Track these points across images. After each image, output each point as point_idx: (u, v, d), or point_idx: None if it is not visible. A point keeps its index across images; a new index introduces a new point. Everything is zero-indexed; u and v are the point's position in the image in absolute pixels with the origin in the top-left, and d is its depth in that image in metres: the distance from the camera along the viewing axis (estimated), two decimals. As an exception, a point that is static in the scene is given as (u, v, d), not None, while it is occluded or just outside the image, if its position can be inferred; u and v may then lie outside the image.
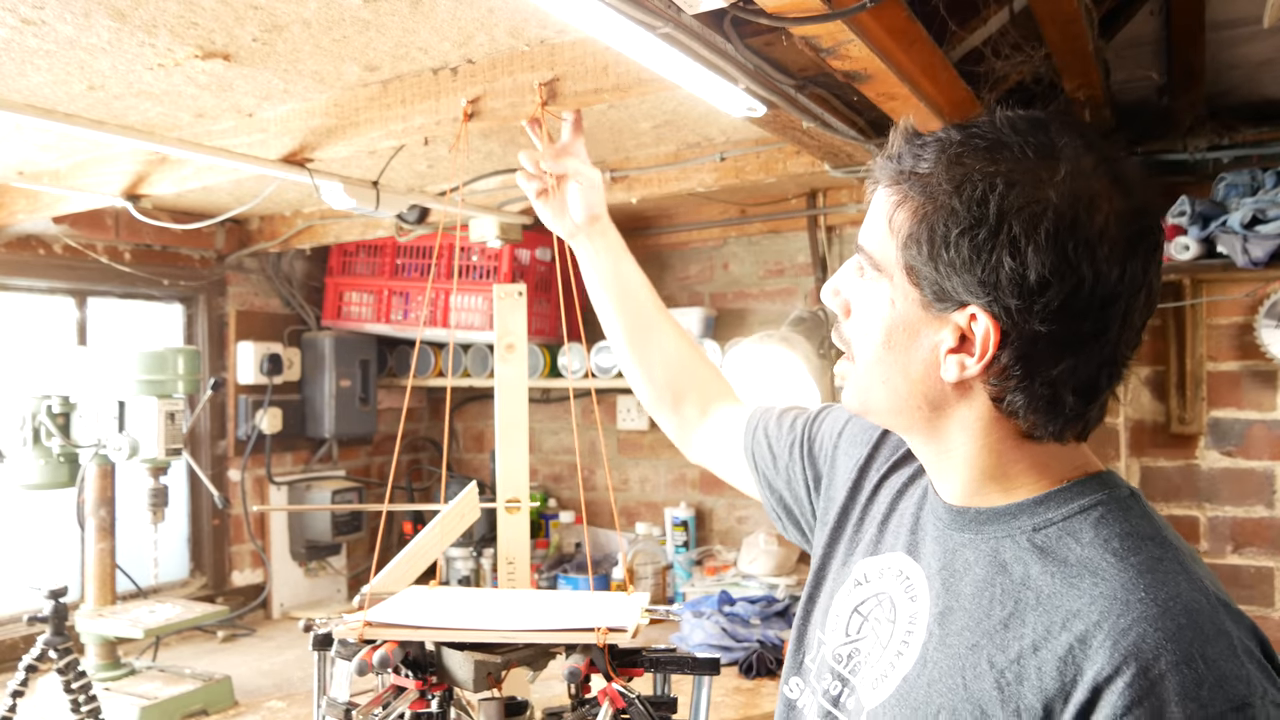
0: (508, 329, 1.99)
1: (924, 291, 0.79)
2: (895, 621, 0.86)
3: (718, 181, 2.41)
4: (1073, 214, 0.73)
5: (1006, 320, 0.75)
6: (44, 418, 2.36)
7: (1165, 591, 0.71)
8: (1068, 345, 0.75)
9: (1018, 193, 0.73)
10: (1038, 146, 0.75)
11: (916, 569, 0.87)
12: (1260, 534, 2.57)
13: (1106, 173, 0.75)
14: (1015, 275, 0.73)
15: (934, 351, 0.80)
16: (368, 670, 1.14)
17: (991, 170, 0.75)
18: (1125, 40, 2.08)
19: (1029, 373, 0.76)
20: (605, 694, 1.14)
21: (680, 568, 3.15)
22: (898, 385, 0.83)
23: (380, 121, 1.82)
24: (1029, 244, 0.72)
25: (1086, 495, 0.79)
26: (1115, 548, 0.75)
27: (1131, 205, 0.75)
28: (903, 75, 1.54)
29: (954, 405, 0.82)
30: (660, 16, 1.27)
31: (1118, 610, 0.71)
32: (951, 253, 0.75)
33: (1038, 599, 0.75)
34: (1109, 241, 0.73)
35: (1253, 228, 2.28)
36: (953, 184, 0.76)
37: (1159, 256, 0.78)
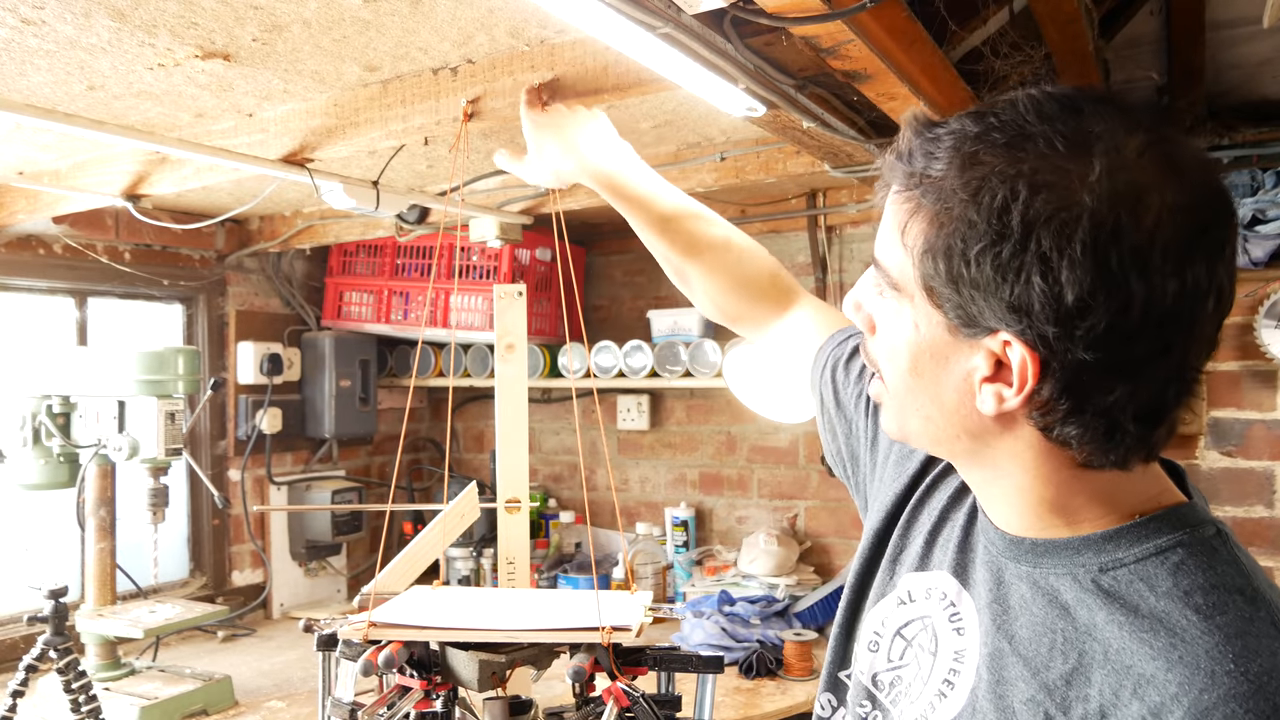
0: (508, 329, 1.99)
1: (948, 315, 0.68)
2: (937, 655, 0.78)
3: (718, 181, 2.41)
4: (1114, 219, 0.60)
5: (1044, 350, 0.64)
6: (44, 418, 2.36)
7: (1259, 664, 0.60)
8: (1122, 371, 0.64)
9: (1045, 198, 0.61)
10: (1068, 136, 0.63)
11: (965, 597, 0.79)
12: (1260, 534, 2.57)
13: (1156, 160, 0.62)
14: (1049, 298, 0.61)
15: (967, 380, 0.69)
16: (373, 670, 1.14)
17: (1013, 172, 0.63)
18: (1125, 40, 2.08)
19: (1078, 405, 0.65)
20: (610, 692, 1.14)
21: (680, 568, 3.15)
22: (932, 415, 0.73)
23: (380, 121, 1.82)
24: (1062, 260, 0.61)
25: (1164, 534, 0.68)
26: (1198, 603, 0.64)
27: (1190, 198, 0.62)
28: (903, 75, 1.54)
29: (998, 436, 0.71)
30: (660, 16, 1.27)
31: (1200, 683, 0.60)
32: (973, 272, 0.64)
33: (1105, 654, 0.66)
34: (1162, 247, 0.61)
35: (1253, 228, 2.28)
36: (969, 190, 0.64)
37: (1230, 253, 0.64)
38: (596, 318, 3.54)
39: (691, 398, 3.36)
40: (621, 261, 3.52)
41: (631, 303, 3.49)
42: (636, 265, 3.48)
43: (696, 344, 3.01)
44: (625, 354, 3.10)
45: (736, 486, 3.29)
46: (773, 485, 3.23)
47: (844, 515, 3.09)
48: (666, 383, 3.05)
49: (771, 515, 3.21)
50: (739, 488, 3.29)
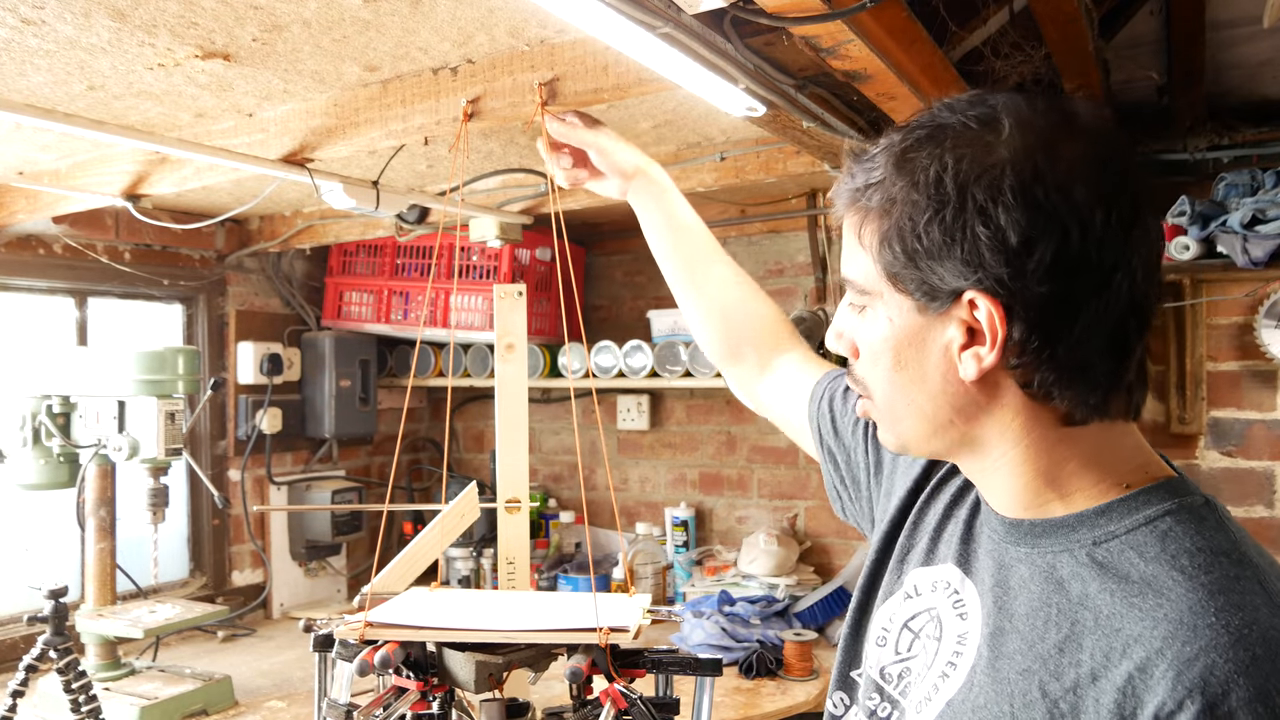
0: (508, 329, 1.99)
1: (915, 296, 0.74)
2: (941, 640, 0.80)
3: (718, 181, 2.41)
4: (1032, 163, 0.69)
5: (1004, 293, 0.70)
6: (44, 418, 2.36)
7: (1240, 617, 0.63)
8: (1078, 300, 0.69)
9: (969, 161, 0.70)
10: (978, 116, 0.72)
11: (968, 584, 0.82)
12: (1260, 534, 2.57)
13: (1056, 115, 0.72)
14: (995, 243, 0.69)
15: (946, 355, 0.74)
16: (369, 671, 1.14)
17: (938, 151, 0.71)
18: (1125, 40, 2.08)
19: (1047, 340, 0.70)
20: (607, 695, 1.14)
21: (680, 568, 3.15)
22: (923, 405, 0.77)
23: (380, 121, 1.82)
24: (997, 206, 0.68)
25: (1154, 504, 0.72)
26: (1184, 564, 0.68)
27: (1093, 138, 0.71)
28: (903, 75, 1.54)
29: (986, 409, 0.76)
30: (660, 16, 1.27)
31: (1184, 636, 0.64)
32: (926, 243, 0.71)
33: (1095, 620, 0.69)
34: (1082, 180, 0.69)
35: (1253, 228, 2.28)
36: (906, 179, 0.73)
37: (1144, 187, 0.72)
38: (596, 318, 3.54)
39: (691, 398, 3.36)
40: (621, 261, 3.52)
41: (631, 303, 3.49)
42: (636, 265, 3.48)
43: (696, 344, 3.01)
44: (625, 354, 3.10)
45: (736, 486, 3.29)
46: (773, 485, 3.23)
47: (844, 515, 3.09)
48: (666, 383, 3.05)
49: (771, 515, 3.20)
50: (739, 488, 3.29)
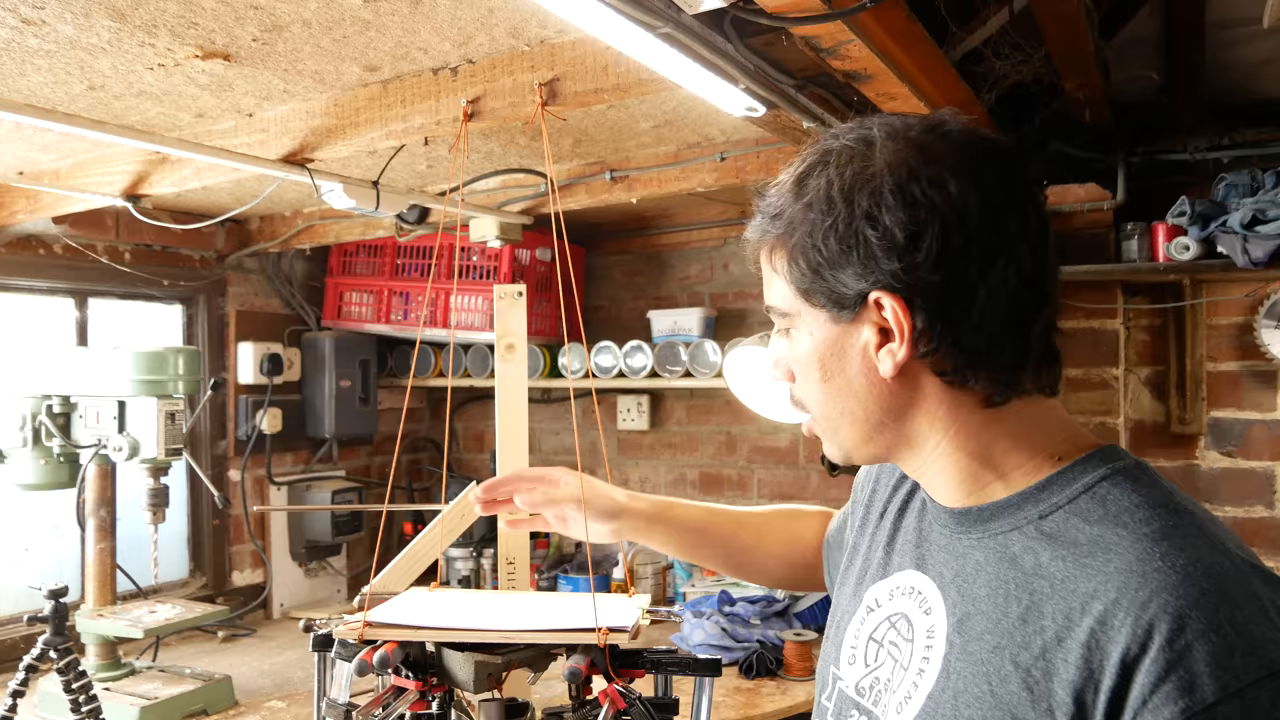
0: (508, 329, 1.99)
1: (827, 307, 0.79)
2: (913, 640, 0.82)
3: (718, 181, 2.41)
4: (906, 166, 0.75)
5: (902, 288, 0.75)
6: (44, 418, 2.36)
7: (1184, 557, 0.68)
8: (969, 285, 0.75)
9: (850, 173, 0.77)
10: (857, 137, 0.79)
11: (927, 582, 0.84)
12: (1260, 534, 2.57)
13: (926, 125, 0.79)
14: (885, 242, 0.74)
15: (865, 357, 0.79)
16: (368, 671, 1.14)
17: (825, 171, 0.78)
18: (1125, 40, 2.08)
19: (949, 326, 0.76)
20: (606, 695, 1.14)
21: (680, 568, 3.15)
22: (854, 410, 0.82)
23: (380, 121, 1.82)
24: (881, 209, 0.75)
25: (1090, 472, 0.76)
26: (1126, 520, 0.72)
27: (966, 142, 0.77)
28: (903, 75, 1.54)
29: (912, 402, 0.80)
30: (660, 16, 1.27)
31: (1135, 583, 0.67)
32: (826, 254, 0.77)
33: (1052, 587, 0.72)
34: (954, 176, 0.75)
35: (1253, 228, 2.28)
36: (801, 201, 0.79)
37: (1017, 171, 0.78)
38: (596, 318, 3.54)
39: (691, 398, 3.36)
40: (621, 262, 3.52)
41: (631, 303, 3.49)
42: (636, 265, 3.48)
43: (696, 344, 3.01)
44: (625, 354, 3.10)
45: (737, 486, 3.29)
46: (773, 485, 3.23)
47: (844, 516, 3.09)
48: (666, 383, 3.05)
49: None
50: (739, 488, 3.29)
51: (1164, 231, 2.45)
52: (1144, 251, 2.51)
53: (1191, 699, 0.63)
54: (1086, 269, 2.53)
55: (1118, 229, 2.57)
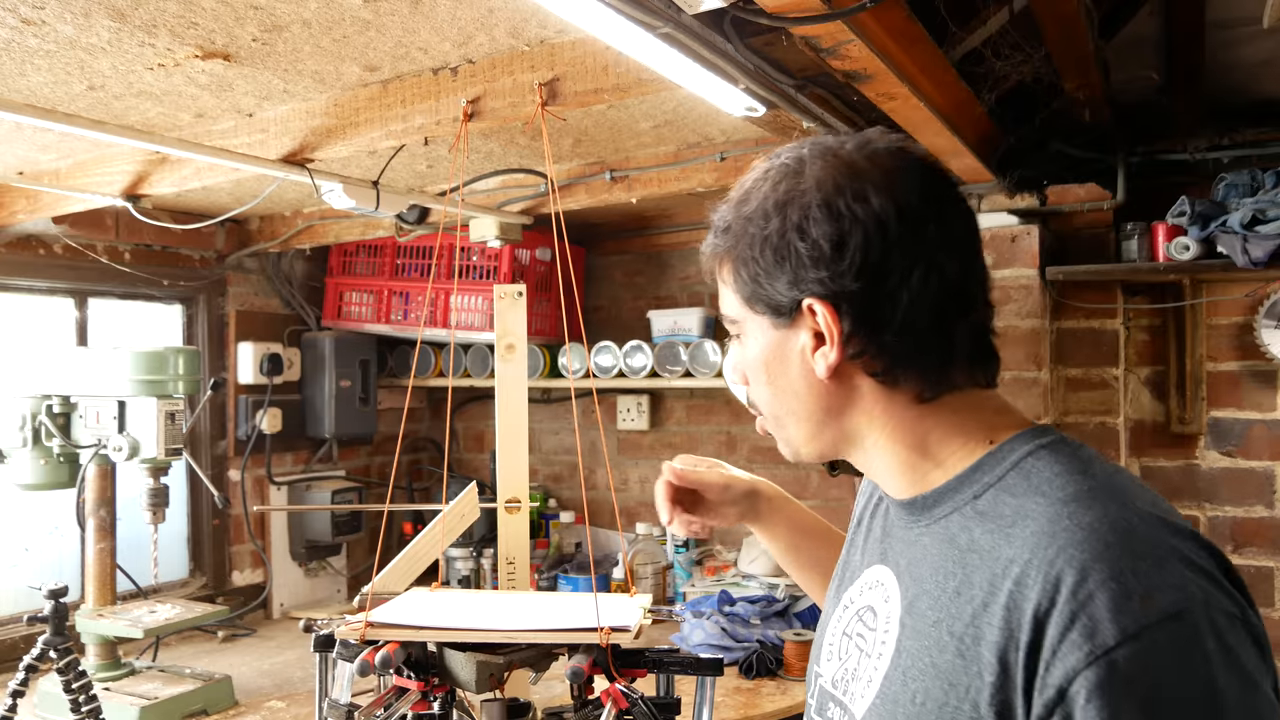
0: (508, 329, 1.99)
1: (767, 314, 0.86)
2: (875, 629, 0.87)
3: (718, 181, 2.41)
4: (833, 182, 0.81)
5: (830, 295, 0.81)
6: (44, 418, 2.36)
7: (1090, 515, 0.72)
8: (892, 292, 0.80)
9: (783, 190, 0.83)
10: (790, 157, 0.86)
11: (888, 573, 0.89)
12: (1260, 534, 2.57)
13: (852, 144, 0.85)
14: (814, 253, 0.80)
15: (803, 360, 0.85)
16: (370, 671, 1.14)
17: (763, 189, 0.85)
18: (1125, 40, 2.08)
19: (875, 330, 0.81)
20: (608, 694, 1.14)
21: (680, 568, 3.15)
22: (797, 409, 0.88)
23: (380, 121, 1.82)
24: (809, 222, 0.81)
25: (1018, 450, 0.81)
26: (1044, 489, 0.76)
27: (889, 159, 0.84)
28: (903, 75, 1.54)
29: (849, 401, 0.86)
30: (660, 16, 1.27)
31: (1045, 543, 0.72)
32: (763, 264, 0.84)
33: (980, 558, 0.77)
34: (875, 187, 0.81)
35: (1253, 228, 2.28)
36: (742, 217, 0.86)
37: (938, 183, 0.84)
38: (596, 318, 3.54)
39: (691, 398, 3.36)
40: (621, 262, 3.52)
41: (631, 303, 3.49)
42: (636, 265, 3.48)
43: (696, 344, 3.01)
44: (625, 354, 3.10)
45: (736, 487, 3.28)
46: (776, 480, 3.22)
47: (844, 515, 3.07)
48: (666, 383, 3.05)
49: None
50: (739, 488, 3.28)
51: (1164, 231, 2.45)
52: (1144, 251, 2.51)
53: (1094, 643, 0.66)
54: (1086, 269, 2.53)
55: (1118, 229, 2.58)
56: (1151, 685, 0.65)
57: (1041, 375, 2.49)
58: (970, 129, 2.08)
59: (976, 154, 2.13)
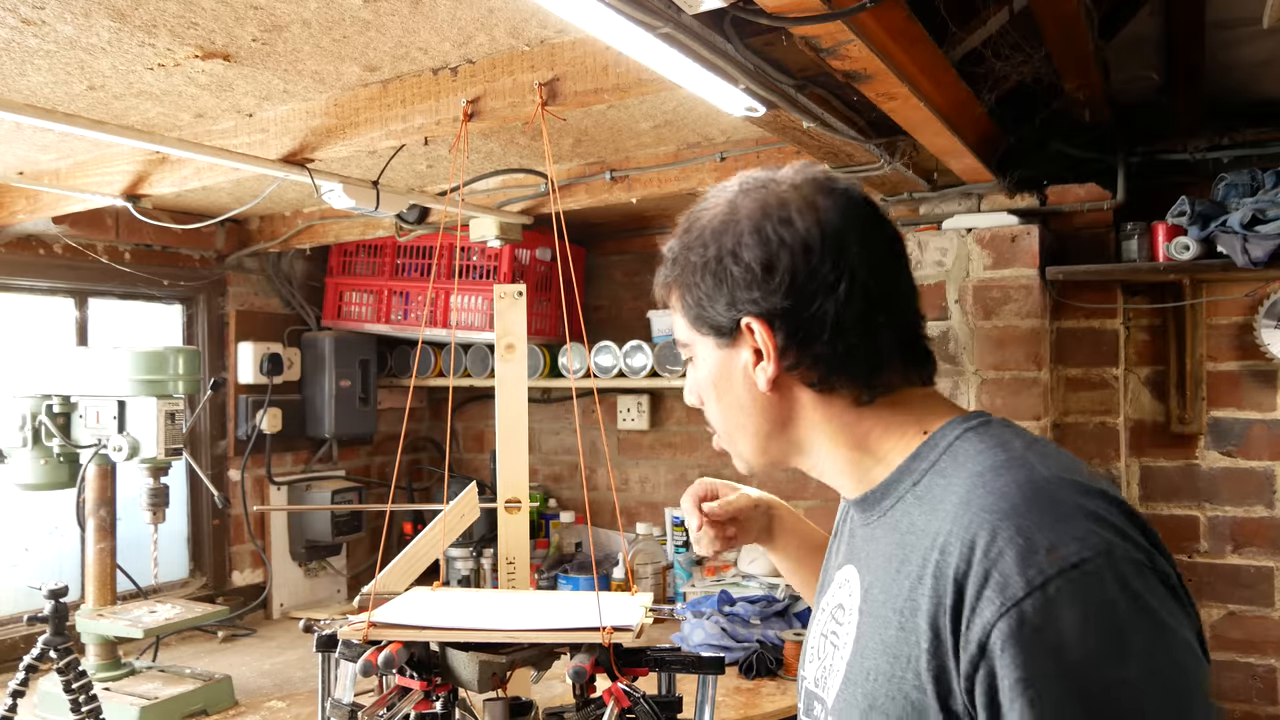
0: (508, 329, 1.99)
1: (711, 335, 0.92)
2: (843, 623, 0.91)
3: (718, 181, 2.40)
4: (761, 210, 0.89)
5: (764, 313, 0.87)
6: (44, 418, 2.36)
7: (1001, 480, 0.77)
8: (820, 304, 0.86)
9: (717, 219, 0.91)
10: (721, 189, 0.95)
11: (853, 570, 0.93)
12: (1260, 534, 2.57)
13: (777, 174, 0.93)
14: (747, 276, 0.87)
15: (746, 376, 0.91)
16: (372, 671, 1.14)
17: (701, 223, 0.93)
18: (1125, 40, 2.08)
19: (806, 343, 0.87)
20: (610, 693, 1.14)
21: (680, 568, 3.15)
22: (745, 423, 0.94)
23: (380, 121, 1.82)
24: (741, 246, 0.88)
25: (949, 436, 0.86)
26: (967, 465, 0.82)
27: (808, 187, 0.90)
28: (903, 75, 1.54)
29: (792, 411, 0.92)
30: (660, 16, 1.27)
31: (962, 511, 0.77)
32: (704, 288, 0.91)
33: (917, 537, 0.82)
34: (798, 211, 0.88)
35: (1253, 228, 2.28)
36: (685, 247, 0.94)
37: (856, 205, 0.91)
38: (596, 318, 3.54)
39: (691, 398, 3.36)
40: (621, 262, 3.52)
41: (631, 303, 3.49)
42: (636, 265, 3.48)
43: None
44: (625, 354, 3.10)
45: (736, 486, 3.28)
46: (773, 485, 3.20)
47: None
48: (666, 383, 3.05)
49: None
50: (739, 488, 3.28)
51: (1164, 231, 2.45)
52: (1144, 251, 2.51)
53: (1004, 596, 0.70)
54: (1086, 269, 2.53)
55: (1118, 229, 2.58)
56: (1060, 631, 0.69)
57: (1041, 375, 2.49)
58: (970, 129, 2.08)
59: (976, 154, 2.13)
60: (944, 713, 0.75)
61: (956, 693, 0.74)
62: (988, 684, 0.71)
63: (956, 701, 0.74)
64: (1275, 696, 2.54)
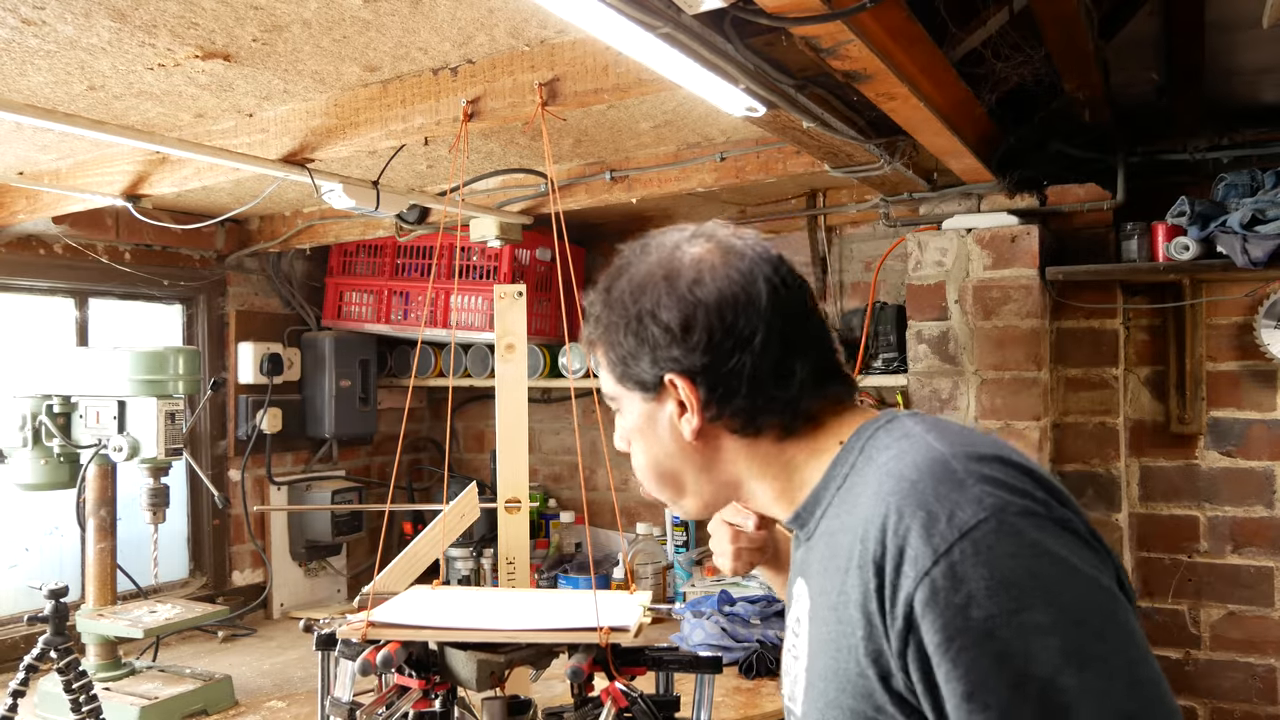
0: (508, 329, 2.00)
1: (636, 389, 0.96)
2: (800, 634, 0.94)
3: (718, 181, 2.41)
4: (673, 270, 0.93)
5: (687, 369, 0.91)
6: (44, 418, 2.36)
7: (901, 464, 0.81)
8: (738, 358, 0.90)
9: (632, 281, 0.95)
10: (638, 248, 0.98)
11: (802, 584, 0.95)
12: (1260, 534, 2.57)
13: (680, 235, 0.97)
14: (667, 336, 0.91)
15: (672, 426, 0.95)
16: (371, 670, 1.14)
17: (620, 283, 0.96)
18: (1125, 40, 2.08)
19: (727, 394, 0.91)
20: (608, 693, 1.14)
21: (680, 568, 3.15)
22: (673, 470, 0.98)
23: (380, 121, 1.82)
24: (659, 307, 0.92)
25: (862, 438, 0.90)
26: (876, 460, 0.86)
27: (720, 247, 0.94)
28: (903, 75, 1.54)
29: (719, 456, 0.95)
30: (660, 16, 1.27)
31: (873, 501, 0.81)
32: (627, 348, 0.94)
33: (843, 536, 0.85)
34: (709, 271, 0.92)
35: (1252, 228, 2.28)
36: (607, 306, 0.97)
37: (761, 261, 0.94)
38: (596, 318, 3.53)
39: (691, 398, 3.36)
40: (622, 262, 3.51)
41: (632, 303, 3.49)
42: (636, 265, 3.48)
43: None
44: (625, 354, 3.09)
45: (736, 487, 3.28)
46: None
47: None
48: (666, 383, 3.05)
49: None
50: (739, 488, 3.28)
51: (1164, 231, 2.45)
52: (1144, 251, 2.51)
53: (915, 569, 0.74)
54: (1086, 269, 2.53)
55: (1118, 229, 2.58)
56: (968, 591, 0.72)
57: (1041, 375, 2.49)
58: (970, 129, 2.08)
59: (976, 154, 2.13)
60: (888, 693, 0.78)
61: (894, 671, 0.77)
62: (918, 655, 0.74)
63: (897, 681, 0.77)
64: (1275, 696, 2.54)
